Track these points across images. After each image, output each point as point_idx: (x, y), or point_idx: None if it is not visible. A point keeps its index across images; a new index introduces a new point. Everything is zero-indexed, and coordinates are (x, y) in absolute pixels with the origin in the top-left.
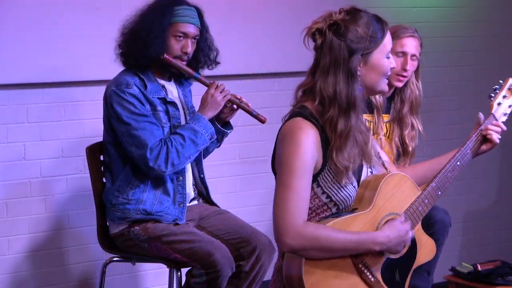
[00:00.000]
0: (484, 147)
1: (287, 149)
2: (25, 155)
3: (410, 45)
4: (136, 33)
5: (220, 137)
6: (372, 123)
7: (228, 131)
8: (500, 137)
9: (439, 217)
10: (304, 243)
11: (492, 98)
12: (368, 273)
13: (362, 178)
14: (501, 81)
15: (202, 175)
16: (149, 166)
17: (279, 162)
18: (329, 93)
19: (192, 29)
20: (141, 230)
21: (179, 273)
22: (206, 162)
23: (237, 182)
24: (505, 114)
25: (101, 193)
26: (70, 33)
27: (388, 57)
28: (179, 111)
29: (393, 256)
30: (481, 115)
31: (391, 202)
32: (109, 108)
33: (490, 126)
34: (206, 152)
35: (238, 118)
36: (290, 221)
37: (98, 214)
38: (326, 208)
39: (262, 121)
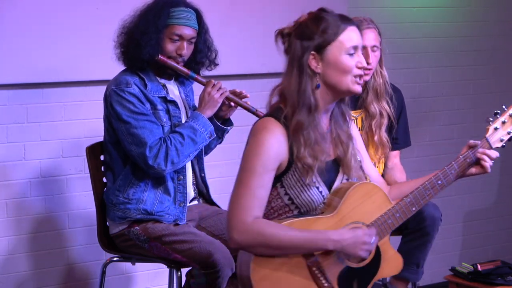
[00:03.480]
0: (473, 170)
1: (249, 148)
2: (25, 155)
3: (367, 37)
4: (132, 33)
5: (220, 133)
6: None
7: (228, 128)
8: (491, 165)
9: (428, 212)
10: (250, 240)
11: (490, 122)
12: (322, 279)
13: (335, 186)
14: (504, 107)
15: (202, 174)
16: (149, 164)
17: (241, 160)
18: (284, 91)
19: (187, 31)
20: (141, 230)
21: (179, 273)
22: (206, 162)
23: None
24: (501, 140)
25: (101, 193)
26: (70, 33)
27: (350, 54)
28: (179, 110)
29: (353, 265)
30: (472, 141)
31: (359, 211)
32: (109, 107)
33: (488, 152)
34: (208, 148)
35: (238, 118)
36: (239, 217)
37: (98, 214)
38: (287, 209)
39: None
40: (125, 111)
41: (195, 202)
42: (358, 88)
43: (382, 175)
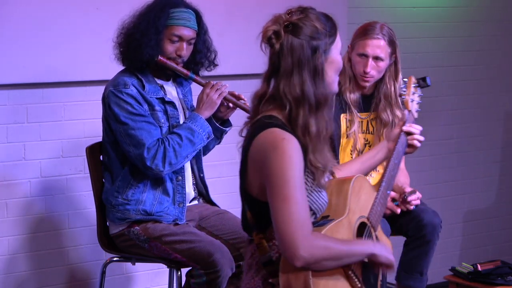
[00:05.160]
0: (407, 149)
1: (278, 162)
2: (25, 155)
3: (371, 46)
4: (131, 34)
5: (219, 134)
6: (348, 121)
7: (227, 129)
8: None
9: (428, 219)
10: (317, 254)
11: (404, 97)
12: (356, 280)
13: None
14: (404, 79)
15: (202, 175)
16: (147, 165)
17: (272, 177)
18: (296, 94)
19: (187, 32)
20: (141, 230)
21: (179, 273)
22: (205, 162)
23: (237, 182)
24: (417, 111)
25: (101, 193)
26: (70, 33)
27: (340, 54)
28: (177, 111)
29: (366, 260)
30: (406, 112)
31: (360, 205)
32: (107, 109)
33: (416, 137)
34: (207, 149)
35: (238, 118)
36: (300, 234)
37: (98, 214)
38: None
39: None
40: (123, 112)
41: (195, 202)
42: (337, 88)
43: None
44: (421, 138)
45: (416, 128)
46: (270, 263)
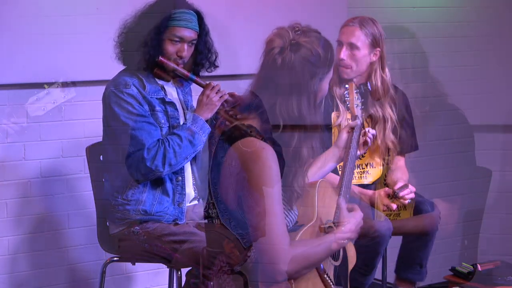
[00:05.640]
0: (361, 150)
1: (260, 173)
2: (25, 155)
3: (345, 33)
4: (132, 34)
5: None
6: (337, 117)
7: None
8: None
9: (426, 211)
10: (297, 266)
11: (348, 103)
12: (331, 283)
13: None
14: (347, 86)
15: None
16: (147, 166)
17: (252, 188)
18: (294, 116)
19: (188, 33)
20: (141, 230)
21: (179, 273)
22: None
23: None
24: (362, 115)
25: (101, 193)
26: (70, 33)
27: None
28: (178, 112)
29: (336, 263)
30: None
31: (325, 209)
32: (108, 108)
33: (372, 132)
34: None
35: None
36: (281, 248)
37: (98, 214)
38: None
39: None
40: (124, 112)
41: (196, 202)
42: None
43: (385, 177)
44: (373, 131)
45: (366, 129)
46: (245, 272)
